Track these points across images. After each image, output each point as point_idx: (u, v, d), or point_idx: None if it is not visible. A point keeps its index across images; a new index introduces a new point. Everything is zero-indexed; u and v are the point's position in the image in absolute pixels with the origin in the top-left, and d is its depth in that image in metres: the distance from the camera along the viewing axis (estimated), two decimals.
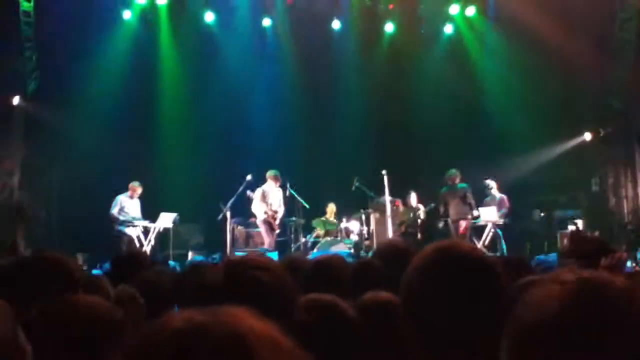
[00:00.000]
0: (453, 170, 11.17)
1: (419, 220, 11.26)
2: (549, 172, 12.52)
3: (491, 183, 11.23)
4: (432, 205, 11.35)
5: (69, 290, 2.02)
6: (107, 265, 5.32)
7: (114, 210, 10.20)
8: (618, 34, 11.62)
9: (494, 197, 11.14)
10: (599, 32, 11.90)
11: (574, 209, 11.93)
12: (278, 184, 10.39)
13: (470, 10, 13.53)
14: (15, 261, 2.31)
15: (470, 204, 10.98)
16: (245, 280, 1.55)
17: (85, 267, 9.16)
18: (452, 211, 11.03)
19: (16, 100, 11.01)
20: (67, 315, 1.62)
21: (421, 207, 11.35)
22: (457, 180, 11.10)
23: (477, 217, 10.86)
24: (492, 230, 10.72)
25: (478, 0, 13.43)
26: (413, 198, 11.43)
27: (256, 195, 10.23)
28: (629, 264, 6.51)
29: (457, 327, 1.40)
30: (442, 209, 11.23)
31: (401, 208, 11.40)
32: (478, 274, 1.45)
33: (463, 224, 10.85)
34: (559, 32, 11.67)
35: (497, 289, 1.45)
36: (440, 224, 11.24)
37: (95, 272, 6.21)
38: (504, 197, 11.12)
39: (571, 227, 10.87)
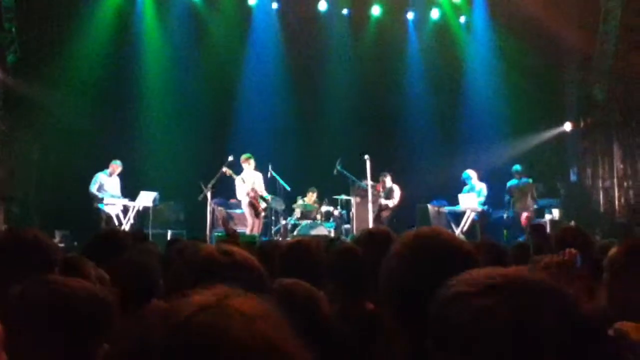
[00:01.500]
0: (518, 166, 11.47)
1: (393, 201, 11.22)
2: (528, 161, 12.64)
3: (471, 173, 11.34)
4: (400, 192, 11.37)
5: (45, 270, 1.94)
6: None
7: (93, 188, 10.12)
8: (602, 25, 11.68)
9: (473, 186, 11.26)
10: (585, 22, 11.96)
11: (553, 198, 12.08)
12: (252, 166, 10.33)
13: None
14: None
15: (534, 198, 11.28)
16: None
17: (63, 245, 9.13)
18: (517, 203, 11.30)
19: None
20: (51, 296, 1.53)
21: (396, 187, 11.32)
22: (521, 176, 11.38)
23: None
24: (471, 216, 10.89)
25: None
26: (388, 179, 11.39)
27: (237, 183, 10.22)
28: None
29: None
30: (509, 200, 11.51)
31: (380, 192, 11.42)
32: (457, 260, 1.45)
33: (525, 214, 11.04)
34: (546, 19, 11.71)
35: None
36: (505, 215, 11.48)
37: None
38: (484, 185, 11.25)
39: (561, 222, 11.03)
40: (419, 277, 1.42)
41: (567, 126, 12.84)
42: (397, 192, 11.24)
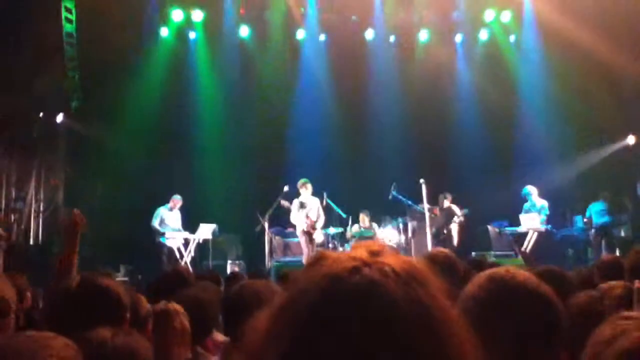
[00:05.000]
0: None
1: (455, 223, 10.94)
2: (592, 177, 12.21)
3: (531, 189, 10.98)
4: (467, 210, 11.10)
5: (115, 318, 2.06)
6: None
7: (155, 222, 10.38)
8: None
9: (534, 203, 10.89)
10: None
11: (620, 214, 11.56)
12: (309, 191, 10.29)
13: (506, 16, 13.37)
14: (64, 291, 2.32)
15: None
16: None
17: (127, 279, 9.39)
18: None
19: (60, 118, 11.38)
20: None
21: (455, 208, 11.06)
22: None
23: None
24: (534, 237, 10.51)
25: (513, 5, 13.24)
26: (446, 200, 11.17)
27: (293, 207, 10.19)
28: None
29: (512, 356, 1.44)
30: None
31: (438, 215, 11.22)
32: (534, 305, 1.48)
33: None
34: (598, 36, 11.42)
35: (554, 318, 1.48)
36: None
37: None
38: (545, 202, 10.87)
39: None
40: (495, 320, 1.46)
41: (631, 139, 12.36)
42: (457, 209, 10.97)
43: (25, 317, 3.07)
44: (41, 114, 11.14)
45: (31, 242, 10.67)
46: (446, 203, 11.08)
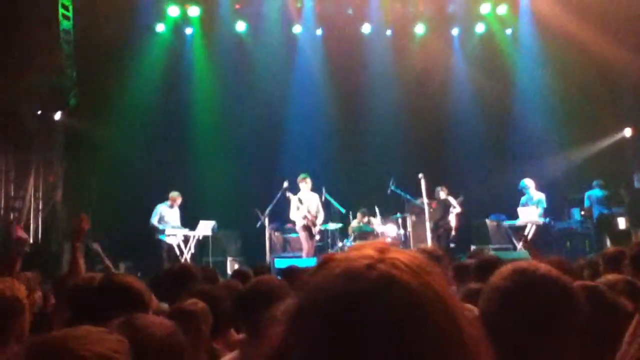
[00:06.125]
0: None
1: (452, 214, 10.94)
2: (588, 169, 12.27)
3: (529, 182, 11.02)
4: (461, 197, 11.10)
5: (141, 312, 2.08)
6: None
7: (154, 220, 10.35)
8: None
9: (531, 196, 10.95)
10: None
11: (617, 206, 11.64)
12: (309, 186, 10.29)
13: (502, 9, 13.39)
14: (87, 289, 2.34)
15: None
16: None
17: None
18: None
19: (58, 115, 11.34)
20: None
21: (451, 199, 11.07)
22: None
23: None
24: (532, 230, 10.56)
25: None
26: (442, 192, 11.16)
27: (292, 203, 10.19)
28: None
29: (534, 345, 1.49)
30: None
31: (435, 207, 11.20)
32: (556, 295, 1.54)
33: None
34: (595, 29, 11.45)
35: (575, 308, 1.54)
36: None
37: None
38: (542, 195, 10.92)
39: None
40: (519, 309, 1.52)
41: (627, 132, 12.43)
42: (453, 201, 10.97)
43: (38, 314, 3.10)
44: (39, 111, 11.10)
45: (30, 240, 10.63)
46: (442, 195, 11.06)
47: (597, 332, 1.71)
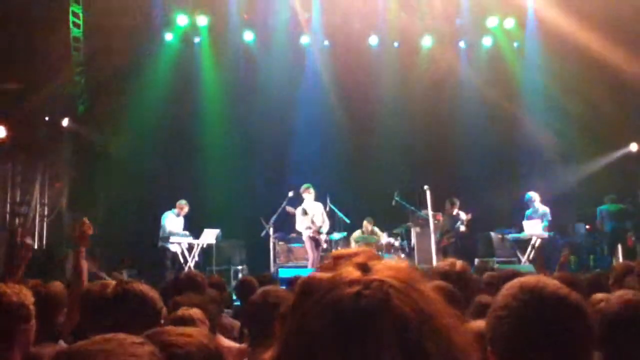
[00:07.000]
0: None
1: (460, 228, 10.89)
2: (593, 184, 12.23)
3: (534, 195, 10.99)
4: (470, 215, 11.06)
5: (151, 319, 2.14)
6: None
7: (167, 227, 10.28)
8: None
9: (536, 209, 10.91)
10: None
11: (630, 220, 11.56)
12: (312, 196, 10.26)
13: (509, 22, 13.41)
14: (99, 298, 2.36)
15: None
16: None
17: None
18: None
19: (65, 122, 11.41)
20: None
21: (462, 214, 11.03)
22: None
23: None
24: (537, 243, 10.52)
25: (517, 11, 13.27)
26: (453, 207, 11.08)
27: (297, 213, 10.18)
28: None
29: None
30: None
31: (442, 220, 11.19)
32: (566, 314, 1.51)
33: None
34: (602, 43, 11.45)
35: (586, 326, 1.52)
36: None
37: None
38: (547, 209, 10.89)
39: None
40: (529, 329, 1.49)
41: (633, 147, 12.39)
42: (463, 216, 10.92)
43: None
44: (47, 118, 11.18)
45: (35, 246, 10.67)
46: (455, 210, 10.99)
47: None
